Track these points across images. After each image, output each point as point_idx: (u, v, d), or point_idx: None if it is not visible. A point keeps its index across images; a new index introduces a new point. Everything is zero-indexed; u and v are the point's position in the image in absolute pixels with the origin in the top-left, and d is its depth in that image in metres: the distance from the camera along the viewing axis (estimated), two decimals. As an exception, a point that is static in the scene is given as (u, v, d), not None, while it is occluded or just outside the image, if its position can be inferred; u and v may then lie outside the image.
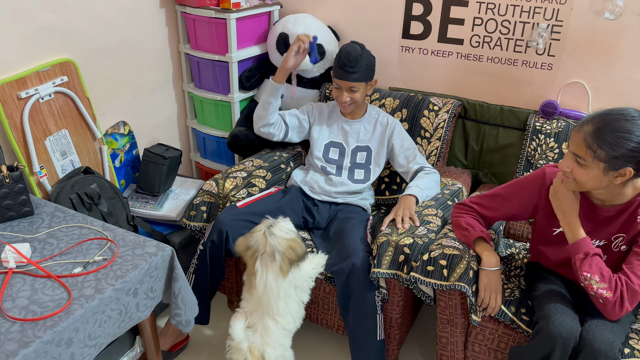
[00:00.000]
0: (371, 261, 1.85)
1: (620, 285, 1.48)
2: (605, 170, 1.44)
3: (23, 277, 1.48)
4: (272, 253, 1.70)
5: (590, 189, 1.53)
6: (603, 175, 1.45)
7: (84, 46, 2.17)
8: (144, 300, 1.58)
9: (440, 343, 1.84)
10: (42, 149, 2.01)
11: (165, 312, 2.33)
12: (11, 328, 1.30)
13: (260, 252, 1.71)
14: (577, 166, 1.48)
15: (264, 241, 1.70)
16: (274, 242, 1.69)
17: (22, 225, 1.73)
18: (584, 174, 1.47)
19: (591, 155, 1.43)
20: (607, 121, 1.42)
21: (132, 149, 2.48)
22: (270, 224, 1.73)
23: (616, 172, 1.43)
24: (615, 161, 1.41)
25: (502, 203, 1.78)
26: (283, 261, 1.71)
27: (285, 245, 1.70)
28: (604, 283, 1.48)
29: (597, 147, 1.42)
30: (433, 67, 2.45)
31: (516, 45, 2.23)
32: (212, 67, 2.56)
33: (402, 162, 2.21)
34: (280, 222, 1.75)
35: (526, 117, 2.25)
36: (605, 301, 1.48)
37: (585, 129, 1.44)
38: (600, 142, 1.41)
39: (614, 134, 1.40)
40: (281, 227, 1.73)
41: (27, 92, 1.93)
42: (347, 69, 2.06)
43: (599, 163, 1.43)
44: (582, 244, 1.54)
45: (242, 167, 2.29)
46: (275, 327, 1.77)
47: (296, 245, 1.73)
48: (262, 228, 1.73)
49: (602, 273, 1.49)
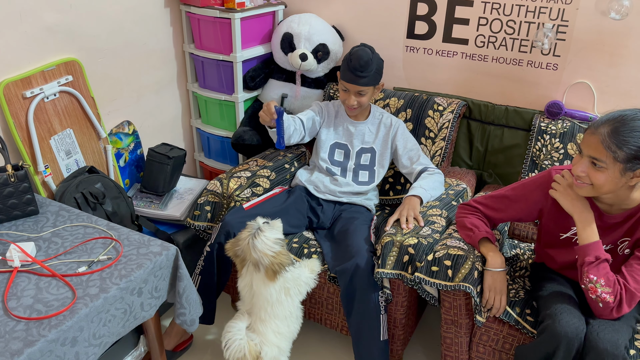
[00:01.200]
0: (375, 261, 1.85)
1: (619, 289, 1.47)
2: (623, 172, 1.42)
3: (28, 276, 1.49)
4: (257, 264, 1.70)
5: (606, 192, 1.49)
6: (620, 177, 1.43)
7: (89, 46, 2.18)
8: (149, 299, 1.58)
9: (444, 344, 1.83)
10: (47, 148, 2.01)
11: (169, 312, 2.33)
12: (16, 327, 1.31)
13: (247, 260, 1.73)
14: (594, 170, 1.46)
15: (248, 251, 1.71)
16: (256, 255, 1.69)
17: (27, 224, 1.73)
18: (602, 177, 1.45)
19: (611, 157, 1.41)
20: (625, 121, 1.40)
21: (137, 149, 2.48)
22: (254, 232, 1.70)
23: (633, 172, 1.42)
24: (634, 162, 1.40)
25: (507, 205, 1.77)
26: (267, 272, 1.71)
27: (268, 257, 1.69)
28: (608, 287, 1.47)
29: (616, 148, 1.40)
30: (438, 67, 2.44)
31: (521, 46, 2.23)
32: (217, 67, 2.56)
33: (405, 163, 2.21)
34: (265, 230, 1.71)
35: (531, 117, 2.24)
36: (605, 304, 1.48)
37: (602, 130, 1.42)
38: (620, 143, 1.39)
39: (632, 134, 1.38)
40: (264, 239, 1.70)
41: (32, 92, 1.93)
42: (357, 73, 2.04)
43: (617, 164, 1.41)
44: (595, 247, 1.52)
45: (246, 166, 2.29)
46: (266, 330, 1.76)
47: (280, 257, 1.71)
48: (246, 236, 1.72)
49: (608, 277, 1.48)
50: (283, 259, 1.71)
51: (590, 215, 1.55)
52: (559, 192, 1.60)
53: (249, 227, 1.74)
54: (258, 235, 1.69)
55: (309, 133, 2.26)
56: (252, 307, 1.79)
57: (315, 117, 2.27)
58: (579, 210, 1.56)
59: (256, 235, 1.69)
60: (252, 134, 2.52)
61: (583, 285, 1.52)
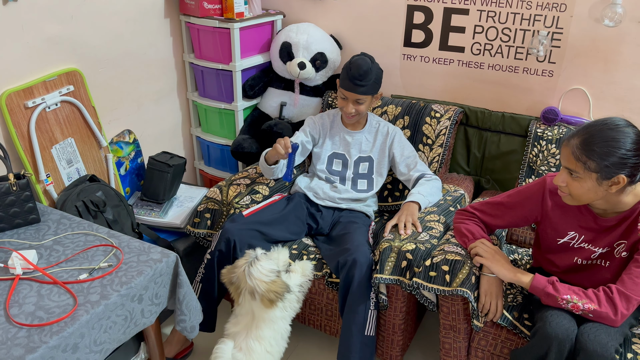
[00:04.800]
0: (373, 263, 1.86)
1: (601, 295, 1.51)
2: (599, 180, 1.46)
3: (29, 284, 1.50)
4: (252, 292, 1.73)
5: (588, 201, 1.55)
6: (597, 186, 1.47)
7: (89, 56, 2.21)
8: (149, 306, 1.59)
9: (443, 349, 1.84)
10: (48, 157, 2.03)
11: (170, 320, 2.34)
12: (18, 333, 1.32)
13: (242, 287, 1.75)
14: (571, 180, 1.51)
15: (244, 279, 1.74)
16: (252, 284, 1.72)
17: (28, 232, 1.75)
18: (579, 187, 1.50)
19: (582, 167, 1.46)
20: (592, 132, 1.46)
21: (137, 157, 2.50)
22: (250, 261, 1.74)
23: (609, 180, 1.46)
24: (606, 170, 1.44)
25: (503, 211, 1.79)
26: (262, 301, 1.73)
27: (263, 287, 1.72)
28: (583, 299, 1.51)
29: (586, 159, 1.45)
30: (434, 75, 2.47)
31: (517, 53, 2.25)
32: (216, 76, 2.59)
33: (403, 170, 2.22)
34: (261, 260, 1.75)
35: (527, 123, 2.26)
36: (596, 313, 1.50)
37: (573, 142, 1.48)
38: (589, 154, 1.44)
39: (601, 144, 1.43)
40: (260, 268, 1.73)
41: (34, 102, 1.96)
42: (356, 82, 2.06)
43: (591, 174, 1.46)
44: (538, 283, 1.58)
45: (245, 174, 2.31)
46: (259, 349, 1.78)
47: (275, 287, 1.74)
48: (242, 264, 1.75)
49: (574, 291, 1.53)
50: (278, 288, 1.74)
51: (510, 269, 1.65)
52: (486, 260, 1.69)
53: (246, 256, 1.78)
54: (254, 264, 1.73)
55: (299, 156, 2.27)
56: (245, 327, 1.80)
57: (304, 138, 2.27)
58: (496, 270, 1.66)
59: (252, 264, 1.73)
60: (252, 142, 2.55)
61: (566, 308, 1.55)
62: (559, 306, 1.55)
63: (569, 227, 1.67)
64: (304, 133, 2.29)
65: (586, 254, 1.66)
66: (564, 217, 1.67)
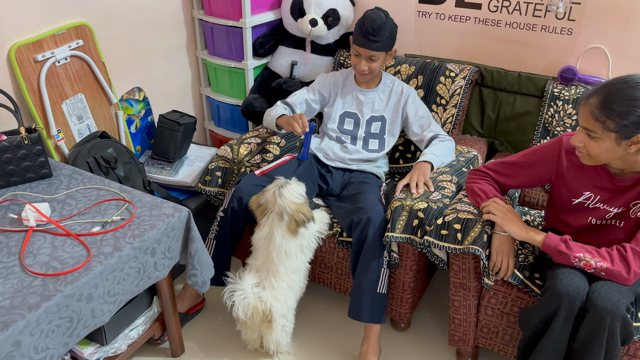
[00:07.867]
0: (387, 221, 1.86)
1: (611, 252, 1.50)
2: (618, 140, 1.43)
3: (43, 235, 1.51)
4: (281, 212, 1.77)
5: (606, 161, 1.52)
6: (616, 146, 1.45)
7: (98, 10, 2.16)
8: (162, 259, 1.61)
9: (452, 306, 1.85)
10: (59, 113, 2.02)
11: (182, 277, 2.37)
12: (33, 282, 1.34)
13: (269, 210, 1.79)
14: (589, 140, 1.48)
15: (273, 200, 1.78)
16: (282, 203, 1.76)
17: (41, 186, 1.75)
18: (597, 147, 1.47)
19: (600, 127, 1.43)
20: (612, 91, 1.42)
21: (147, 115, 2.49)
22: (281, 184, 1.79)
23: (629, 140, 1.43)
24: (625, 129, 1.40)
25: (518, 171, 1.77)
26: (290, 222, 1.77)
27: (293, 207, 1.77)
28: (596, 257, 1.51)
29: (605, 118, 1.41)
30: (450, 33, 2.41)
31: (535, 10, 2.19)
32: (226, 33, 2.54)
33: (416, 130, 2.19)
34: (291, 184, 1.80)
35: (544, 83, 2.21)
36: (608, 271, 1.50)
37: (591, 101, 1.44)
38: (608, 113, 1.41)
39: (620, 103, 1.39)
40: (291, 190, 1.78)
41: (43, 55, 1.94)
42: (369, 37, 2.01)
43: (609, 134, 1.43)
44: (551, 242, 1.57)
45: (256, 133, 2.30)
46: (282, 285, 1.83)
47: (304, 209, 1.78)
48: (272, 188, 1.79)
49: (587, 249, 1.53)
50: (306, 211, 1.79)
51: (522, 227, 1.64)
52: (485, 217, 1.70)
53: (275, 182, 1.82)
54: (286, 186, 1.78)
55: (306, 114, 2.24)
56: (267, 262, 1.83)
57: (311, 96, 2.24)
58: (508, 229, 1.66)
59: (284, 186, 1.78)
60: (262, 101, 2.52)
61: (579, 266, 1.54)
62: (571, 264, 1.54)
63: (585, 187, 1.65)
64: (312, 91, 2.26)
65: (601, 214, 1.64)
66: (579, 178, 1.65)
